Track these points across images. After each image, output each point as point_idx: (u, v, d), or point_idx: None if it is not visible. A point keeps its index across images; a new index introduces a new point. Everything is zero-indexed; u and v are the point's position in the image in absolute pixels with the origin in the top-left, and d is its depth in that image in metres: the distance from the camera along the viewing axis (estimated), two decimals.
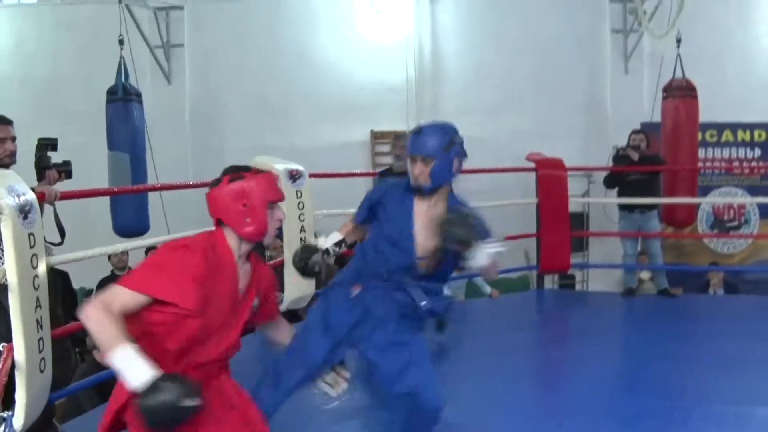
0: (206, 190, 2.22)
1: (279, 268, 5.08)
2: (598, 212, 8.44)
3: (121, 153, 6.88)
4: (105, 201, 6.76)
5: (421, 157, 2.67)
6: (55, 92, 8.96)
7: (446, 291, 2.96)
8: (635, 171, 6.52)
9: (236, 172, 2.18)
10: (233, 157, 8.46)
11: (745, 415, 3.59)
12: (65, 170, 3.77)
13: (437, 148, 2.65)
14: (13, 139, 3.48)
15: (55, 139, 3.72)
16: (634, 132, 6.78)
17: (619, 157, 6.69)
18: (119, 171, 6.84)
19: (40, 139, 3.76)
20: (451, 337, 2.75)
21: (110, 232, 6.84)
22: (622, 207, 6.74)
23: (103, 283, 6.96)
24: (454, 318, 2.94)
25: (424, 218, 2.72)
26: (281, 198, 2.23)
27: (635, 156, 6.50)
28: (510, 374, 4.36)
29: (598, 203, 8.17)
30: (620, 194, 6.77)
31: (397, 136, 6.42)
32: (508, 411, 3.73)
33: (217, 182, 2.18)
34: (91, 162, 7.50)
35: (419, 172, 2.68)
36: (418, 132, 2.74)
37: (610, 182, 6.82)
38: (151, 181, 7.38)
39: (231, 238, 2.17)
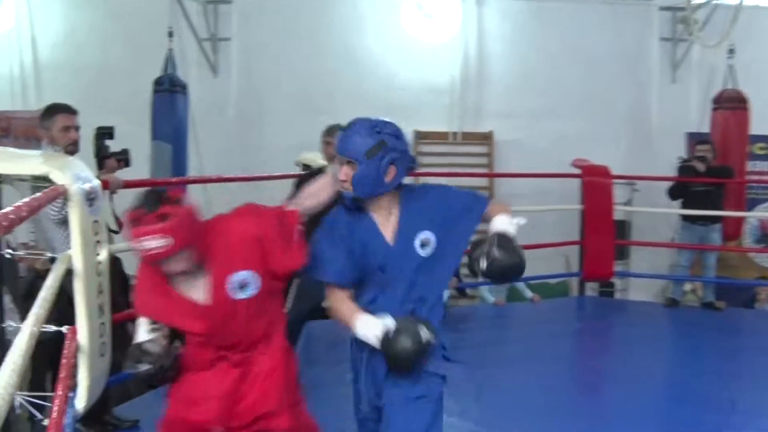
0: (248, 183, 2.27)
1: None
2: (642, 221, 8.34)
3: (164, 143, 6.96)
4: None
5: (347, 159, 2.27)
6: (104, 81, 9.07)
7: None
8: (701, 182, 6.39)
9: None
10: (276, 153, 8.62)
11: None
12: (124, 159, 3.84)
13: (361, 151, 2.23)
14: (77, 128, 3.53)
15: (112, 128, 3.77)
16: (699, 142, 6.67)
17: (685, 167, 6.60)
18: (161, 161, 6.92)
19: (98, 128, 3.82)
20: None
21: None
22: (685, 218, 6.65)
23: None
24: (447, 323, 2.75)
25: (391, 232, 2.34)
26: None
27: (701, 167, 6.37)
28: (552, 381, 4.33)
29: (642, 212, 8.09)
30: (684, 205, 6.66)
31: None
32: (549, 419, 3.70)
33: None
34: (135, 151, 7.61)
35: (344, 177, 2.26)
36: (348, 127, 2.33)
37: (674, 193, 6.69)
38: (195, 172, 7.45)
39: None
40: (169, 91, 7.03)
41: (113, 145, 3.93)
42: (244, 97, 9.26)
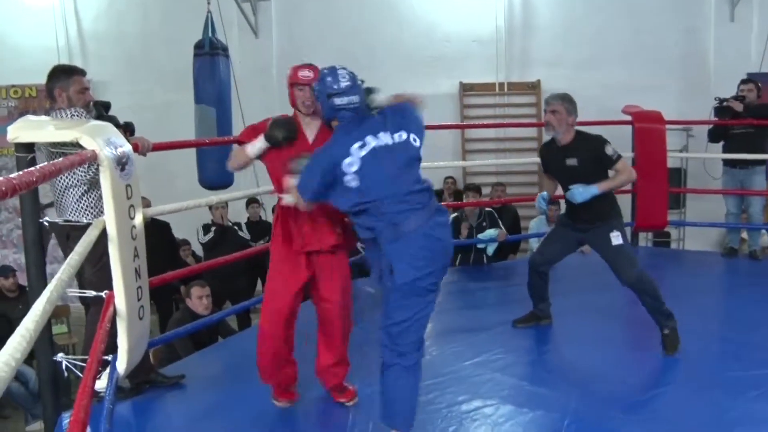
0: None
1: None
2: (697, 168, 8.04)
3: (207, 106, 6.94)
4: (188, 156, 6.86)
5: None
6: (146, 49, 9.14)
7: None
8: (740, 124, 6.10)
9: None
10: None
11: None
12: (130, 129, 3.78)
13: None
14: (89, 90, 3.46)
15: (109, 103, 3.69)
16: (743, 81, 6.32)
17: (722, 108, 6.25)
18: (206, 124, 6.91)
19: (95, 102, 3.73)
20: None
21: (192, 186, 6.91)
22: (726, 162, 6.36)
23: (206, 229, 7.18)
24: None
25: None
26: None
27: (739, 107, 6.04)
28: (603, 336, 4.21)
29: (697, 159, 7.79)
30: (725, 149, 6.36)
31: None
32: (602, 376, 3.60)
33: None
34: (178, 118, 7.67)
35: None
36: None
37: (713, 135, 6.40)
38: None
39: None
40: (209, 54, 6.98)
41: (157, 112, 3.89)
42: (285, 56, 9.19)
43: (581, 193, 3.80)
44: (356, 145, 2.67)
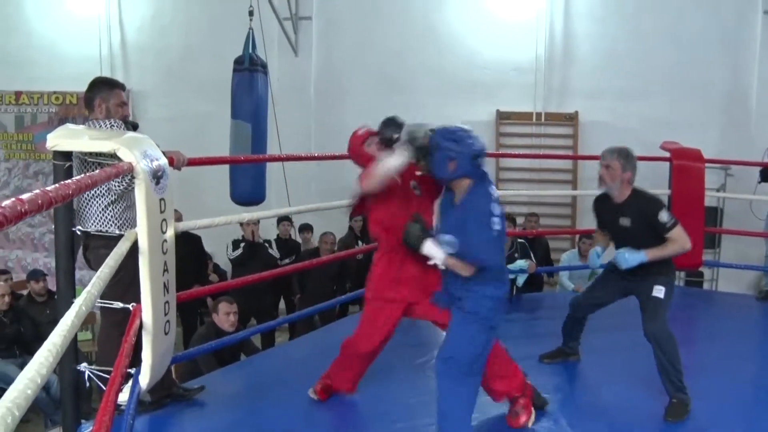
0: (327, 162, 2.29)
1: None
2: (733, 208, 7.90)
3: (243, 122, 6.96)
4: (221, 171, 6.89)
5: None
6: (187, 62, 9.24)
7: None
8: None
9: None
10: None
11: None
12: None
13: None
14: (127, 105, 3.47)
15: (137, 123, 3.67)
16: None
17: None
18: (241, 140, 6.93)
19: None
20: None
21: (222, 201, 6.92)
22: None
23: (236, 245, 7.18)
24: None
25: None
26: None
27: None
28: (633, 375, 4.11)
29: (735, 199, 7.64)
30: None
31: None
32: (630, 417, 3.50)
33: None
34: (214, 131, 7.72)
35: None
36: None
37: (765, 175, 6.32)
38: (275, 152, 7.48)
39: None
40: (249, 70, 7.02)
41: (195, 125, 3.89)
42: (324, 75, 9.25)
43: (627, 259, 3.63)
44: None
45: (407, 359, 4.13)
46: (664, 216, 3.60)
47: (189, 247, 6.98)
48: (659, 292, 3.66)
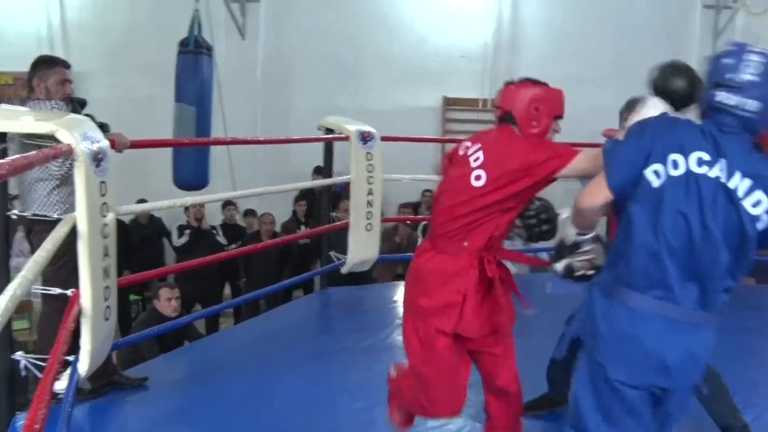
0: (273, 146, 2.19)
1: (343, 231, 5.01)
2: None
3: (187, 105, 6.84)
4: (164, 154, 6.77)
5: None
6: (130, 43, 9.01)
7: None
8: None
9: (536, 80, 2.51)
10: (302, 117, 8.51)
11: None
12: (105, 131, 3.70)
13: None
14: (71, 82, 3.37)
15: (85, 100, 3.60)
16: None
17: None
18: (184, 123, 6.82)
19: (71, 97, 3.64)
20: None
21: (167, 185, 6.82)
22: None
23: (181, 231, 7.10)
24: None
25: None
26: (562, 115, 2.50)
27: None
28: None
29: None
30: None
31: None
32: None
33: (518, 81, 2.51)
34: (159, 114, 7.57)
35: None
36: None
37: None
38: (220, 136, 7.37)
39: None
40: (193, 52, 6.89)
41: (137, 107, 3.81)
42: (272, 59, 9.13)
43: None
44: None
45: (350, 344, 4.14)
46: None
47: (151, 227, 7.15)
48: None
